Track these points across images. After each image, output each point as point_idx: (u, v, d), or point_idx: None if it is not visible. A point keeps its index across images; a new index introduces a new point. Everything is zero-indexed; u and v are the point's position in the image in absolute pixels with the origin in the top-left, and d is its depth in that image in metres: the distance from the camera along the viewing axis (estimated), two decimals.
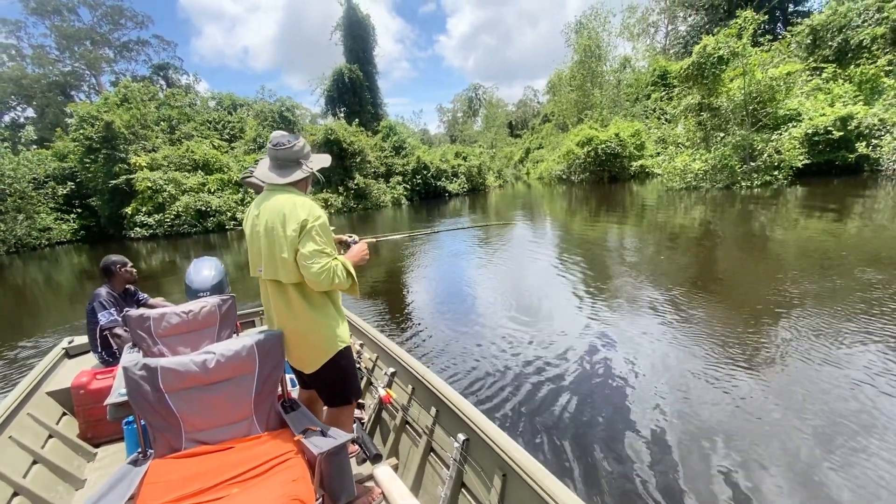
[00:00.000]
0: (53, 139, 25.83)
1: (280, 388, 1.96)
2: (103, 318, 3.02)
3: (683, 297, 5.91)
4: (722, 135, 18.42)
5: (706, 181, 17.69)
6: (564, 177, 32.13)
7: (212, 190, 21.72)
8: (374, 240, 2.44)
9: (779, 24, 31.55)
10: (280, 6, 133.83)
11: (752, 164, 16.73)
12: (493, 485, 1.77)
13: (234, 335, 2.73)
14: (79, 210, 22.87)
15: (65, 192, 21.97)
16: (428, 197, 30.97)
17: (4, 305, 10.53)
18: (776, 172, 16.26)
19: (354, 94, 32.41)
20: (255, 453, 1.66)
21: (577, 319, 5.51)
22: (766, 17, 20.53)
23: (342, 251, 2.13)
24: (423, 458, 2.26)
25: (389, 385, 2.74)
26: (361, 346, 3.32)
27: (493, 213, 20.16)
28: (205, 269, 3.24)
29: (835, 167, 17.22)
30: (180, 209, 20.67)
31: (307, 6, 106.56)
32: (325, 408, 2.13)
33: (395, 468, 2.33)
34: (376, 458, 2.10)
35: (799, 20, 24.07)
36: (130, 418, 2.11)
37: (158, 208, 20.88)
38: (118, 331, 3.01)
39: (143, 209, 20.86)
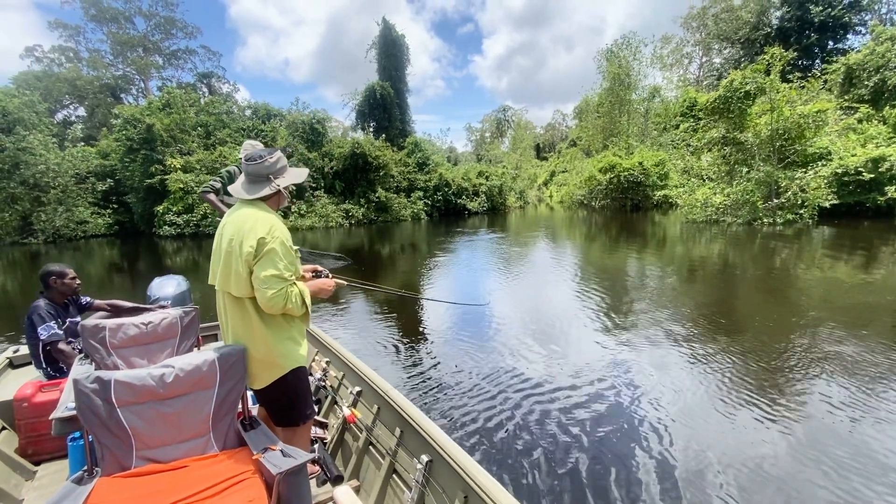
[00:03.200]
0: (99, 138, 27.40)
1: (240, 406, 1.91)
2: (44, 332, 2.77)
3: (687, 332, 5.86)
4: (746, 169, 18.13)
5: (727, 215, 17.37)
6: (585, 202, 32.00)
7: None
8: (345, 282, 2.42)
9: (817, 62, 31.05)
10: (323, 20, 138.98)
11: (776, 201, 16.36)
12: None
13: (195, 349, 2.65)
14: (115, 206, 24.05)
15: (104, 188, 23.21)
16: (448, 213, 31.26)
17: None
18: (801, 211, 15.85)
19: (384, 110, 33.24)
20: (210, 472, 1.59)
21: (578, 347, 5.52)
22: (795, 53, 20.26)
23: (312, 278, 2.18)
24: (385, 480, 2.22)
25: (354, 404, 2.70)
26: (328, 363, 3.21)
27: (513, 232, 20.20)
28: (168, 283, 3.16)
29: (864, 209, 16.67)
30: (207, 210, 21.51)
31: (348, 22, 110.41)
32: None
33: (357, 490, 2.31)
34: (337, 480, 2.05)
35: (836, 58, 23.64)
36: (77, 434, 1.99)
37: (188, 209, 21.77)
38: (62, 346, 2.79)
39: (174, 209, 21.78)
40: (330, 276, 2.25)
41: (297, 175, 2.01)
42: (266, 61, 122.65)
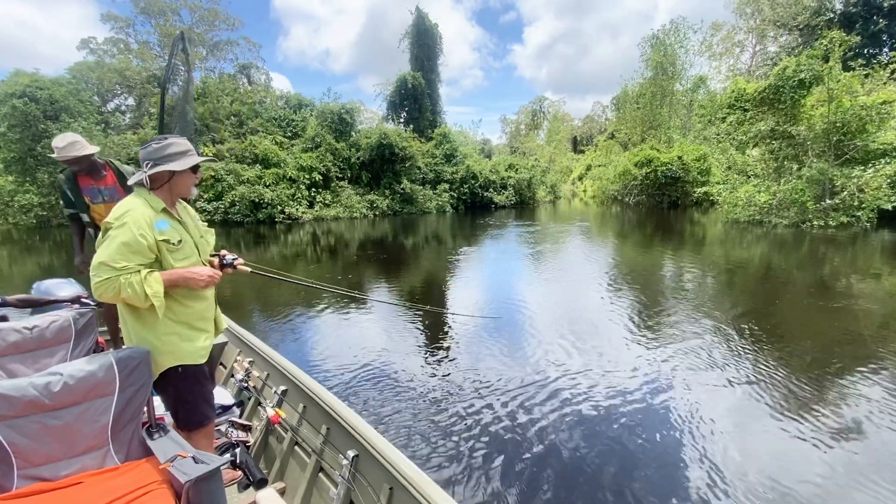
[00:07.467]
0: (141, 126, 28.52)
1: (146, 412, 1.77)
2: None
3: (724, 346, 5.26)
4: (797, 166, 16.65)
5: (771, 216, 16.05)
6: (619, 198, 30.69)
7: (267, 183, 22.92)
8: (248, 269, 2.37)
9: (885, 50, 28.28)
10: (363, 9, 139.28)
11: (830, 201, 14.92)
12: (379, 500, 1.75)
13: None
14: None
15: None
16: (474, 207, 30.74)
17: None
18: (858, 213, 14.39)
19: (415, 100, 32.96)
20: (109, 487, 1.46)
21: (606, 353, 5.10)
22: (859, 38, 18.33)
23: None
24: (311, 479, 2.18)
25: (279, 404, 2.62)
26: (251, 363, 3.10)
27: (542, 221, 19.55)
28: (61, 287, 2.80)
29: None
30: (236, 198, 21.97)
31: (388, 11, 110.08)
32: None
33: (282, 492, 2.26)
34: (261, 483, 1.97)
35: None
36: None
37: (217, 196, 22.32)
38: None
39: (205, 196, 22.37)
40: (236, 262, 2.20)
41: (181, 163, 1.84)
42: (308, 51, 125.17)
